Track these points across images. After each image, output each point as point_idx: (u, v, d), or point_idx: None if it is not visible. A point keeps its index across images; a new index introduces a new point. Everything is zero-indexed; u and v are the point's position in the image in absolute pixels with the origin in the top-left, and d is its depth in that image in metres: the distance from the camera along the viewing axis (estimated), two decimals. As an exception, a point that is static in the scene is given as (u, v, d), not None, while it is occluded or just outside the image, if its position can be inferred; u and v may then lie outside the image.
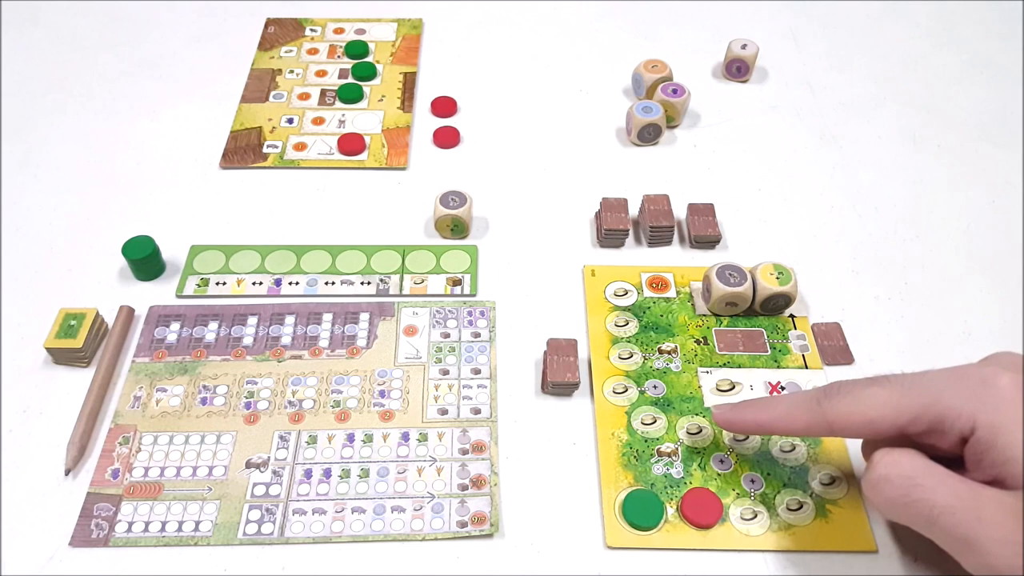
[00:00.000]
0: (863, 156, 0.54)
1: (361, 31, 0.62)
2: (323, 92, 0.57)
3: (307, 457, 0.38)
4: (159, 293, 0.45)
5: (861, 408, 0.32)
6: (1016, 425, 0.29)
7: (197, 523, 0.36)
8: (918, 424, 0.31)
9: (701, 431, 0.39)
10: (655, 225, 0.47)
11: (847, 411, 0.32)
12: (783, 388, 0.41)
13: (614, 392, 0.41)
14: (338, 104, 0.56)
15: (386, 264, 0.46)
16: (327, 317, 0.44)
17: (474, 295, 0.45)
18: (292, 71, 0.58)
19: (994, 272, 0.47)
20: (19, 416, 0.40)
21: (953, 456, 0.31)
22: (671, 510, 0.37)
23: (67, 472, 0.37)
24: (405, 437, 0.39)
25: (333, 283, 0.45)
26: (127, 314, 0.43)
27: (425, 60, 0.60)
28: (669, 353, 0.42)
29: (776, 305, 0.44)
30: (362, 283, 0.45)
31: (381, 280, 0.46)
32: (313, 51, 0.60)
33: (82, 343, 0.40)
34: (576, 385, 0.40)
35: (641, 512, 0.36)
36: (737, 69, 0.58)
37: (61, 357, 0.41)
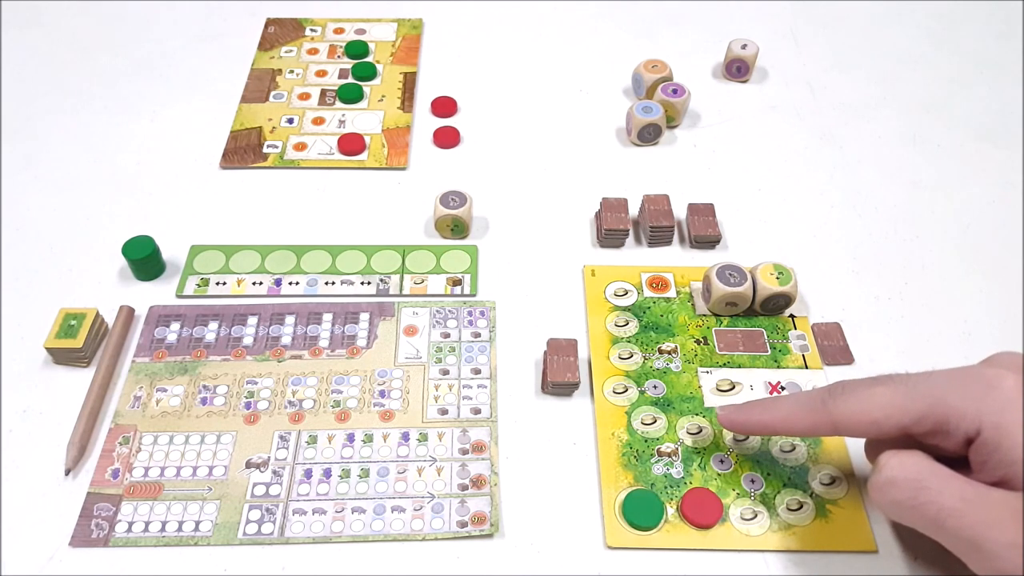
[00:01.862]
0: (863, 156, 0.54)
1: (361, 31, 0.62)
2: (323, 92, 0.57)
3: (307, 457, 0.38)
4: (159, 293, 0.45)
5: (866, 408, 0.32)
6: (1021, 427, 0.29)
7: (197, 523, 0.36)
8: (922, 424, 0.31)
9: (701, 431, 0.39)
10: (655, 225, 0.47)
11: (852, 411, 0.32)
12: (783, 388, 0.41)
13: (614, 392, 0.41)
14: (338, 104, 0.56)
15: (386, 264, 0.46)
16: (327, 317, 0.44)
17: (474, 295, 0.45)
18: (292, 71, 0.58)
19: (994, 272, 0.47)
20: (19, 416, 0.40)
21: (957, 457, 0.31)
22: (671, 510, 0.37)
23: (67, 472, 0.37)
24: (405, 437, 0.39)
25: (333, 283, 0.45)
26: (127, 314, 0.43)
27: (425, 60, 0.60)
28: (669, 353, 0.42)
29: (776, 305, 0.44)
30: (362, 283, 0.45)
31: (381, 280, 0.46)
32: (313, 51, 0.60)
33: (82, 343, 0.40)
34: (576, 385, 0.40)
35: (641, 512, 0.36)
36: (737, 69, 0.58)
37: (61, 357, 0.41)
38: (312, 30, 0.62)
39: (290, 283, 0.45)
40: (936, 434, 0.31)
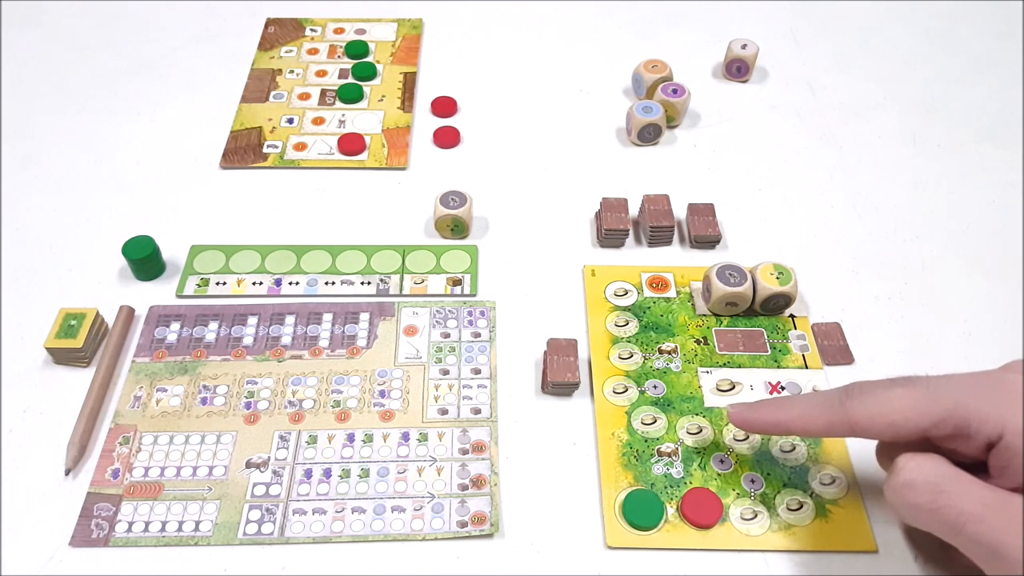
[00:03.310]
0: (863, 156, 0.54)
1: (361, 31, 0.62)
2: (323, 92, 0.57)
3: (307, 457, 0.38)
4: (159, 293, 0.45)
5: (884, 409, 0.31)
6: None
7: (197, 523, 0.36)
8: (942, 428, 0.30)
9: (701, 431, 0.39)
10: (655, 225, 0.47)
11: (870, 412, 0.31)
12: (783, 388, 0.41)
13: (614, 392, 0.41)
14: (338, 104, 0.56)
15: (386, 264, 0.46)
16: (327, 317, 0.44)
17: (474, 295, 0.45)
18: (292, 71, 0.58)
19: (994, 272, 0.47)
20: (19, 416, 0.40)
21: (974, 462, 0.31)
22: (671, 510, 0.37)
23: (67, 472, 0.37)
24: (405, 437, 0.39)
25: (333, 283, 0.45)
26: (127, 314, 0.43)
27: (425, 60, 0.60)
28: (669, 353, 0.42)
29: (776, 305, 0.44)
30: (362, 283, 0.45)
31: (381, 280, 0.46)
32: (313, 51, 0.60)
33: (82, 343, 0.40)
34: (576, 385, 0.40)
35: (641, 512, 0.36)
36: (737, 69, 0.58)
37: (61, 357, 0.41)
38: (312, 30, 0.62)
39: (290, 283, 0.45)
40: (956, 438, 0.30)
